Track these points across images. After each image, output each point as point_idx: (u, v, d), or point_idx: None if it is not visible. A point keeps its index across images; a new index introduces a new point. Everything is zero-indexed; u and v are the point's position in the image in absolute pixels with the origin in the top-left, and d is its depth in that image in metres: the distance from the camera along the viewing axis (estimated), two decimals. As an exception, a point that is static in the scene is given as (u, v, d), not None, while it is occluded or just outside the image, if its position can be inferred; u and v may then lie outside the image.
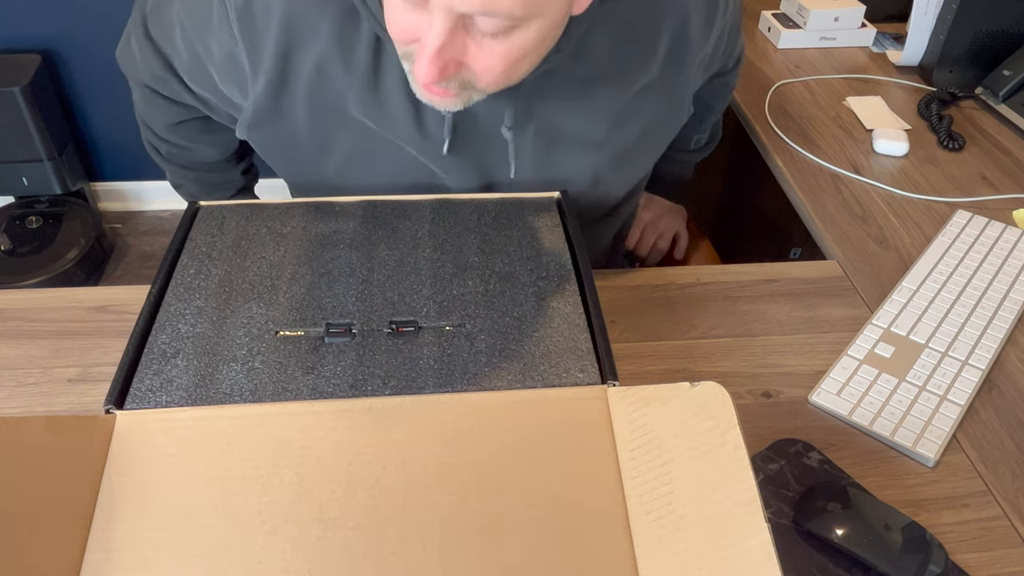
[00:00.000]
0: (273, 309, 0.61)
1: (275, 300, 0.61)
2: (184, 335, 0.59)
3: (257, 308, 0.61)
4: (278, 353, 0.58)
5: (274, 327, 0.60)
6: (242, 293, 0.62)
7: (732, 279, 0.80)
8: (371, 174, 0.73)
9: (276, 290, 0.62)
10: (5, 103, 1.81)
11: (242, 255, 0.63)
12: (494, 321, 0.61)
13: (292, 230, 0.68)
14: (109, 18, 1.89)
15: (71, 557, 0.46)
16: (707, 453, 0.47)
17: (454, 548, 0.47)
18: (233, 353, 0.57)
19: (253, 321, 0.60)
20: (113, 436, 0.52)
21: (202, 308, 0.61)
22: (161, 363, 0.56)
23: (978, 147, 1.05)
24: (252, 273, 0.63)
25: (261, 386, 0.55)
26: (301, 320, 0.60)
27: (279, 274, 0.63)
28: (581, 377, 0.57)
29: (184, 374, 0.56)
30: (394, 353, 0.58)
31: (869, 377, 0.69)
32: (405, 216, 0.72)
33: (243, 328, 0.59)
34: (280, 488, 0.49)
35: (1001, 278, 0.81)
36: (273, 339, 0.59)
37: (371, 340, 0.59)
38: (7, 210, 2.01)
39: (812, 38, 1.28)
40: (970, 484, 0.62)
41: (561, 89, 0.68)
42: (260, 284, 0.63)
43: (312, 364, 0.57)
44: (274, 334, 0.59)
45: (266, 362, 0.57)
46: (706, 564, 0.44)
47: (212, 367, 0.56)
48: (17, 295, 0.73)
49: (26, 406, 0.63)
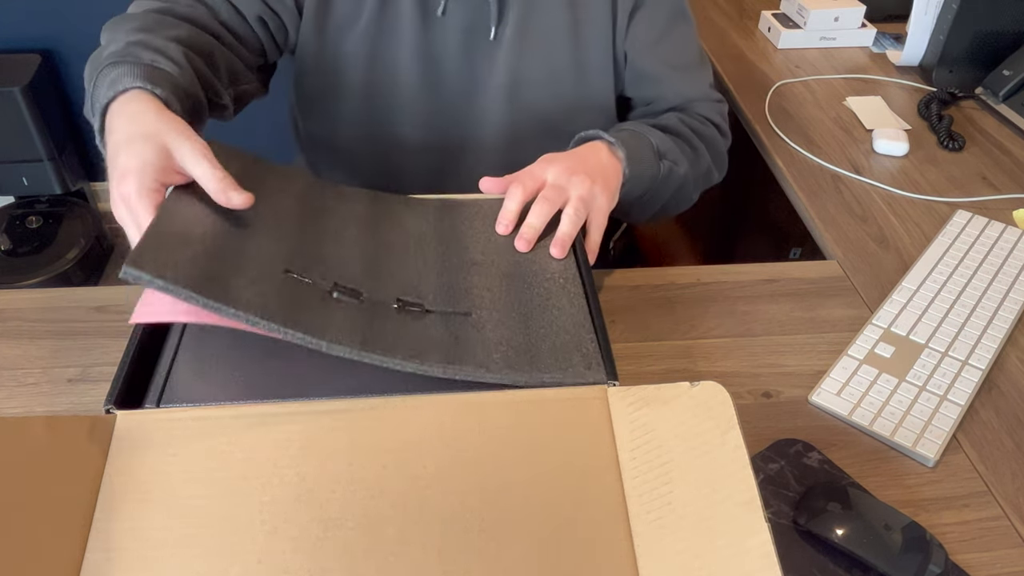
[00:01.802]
0: (281, 245, 0.59)
1: (283, 239, 0.59)
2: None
3: (265, 242, 0.58)
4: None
5: (282, 264, 0.57)
6: (249, 222, 0.59)
7: (732, 279, 0.80)
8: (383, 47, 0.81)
9: (283, 236, 0.60)
10: (5, 103, 1.80)
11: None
12: (501, 314, 0.61)
13: (299, 191, 0.65)
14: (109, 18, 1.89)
15: (71, 557, 0.46)
16: (707, 453, 0.47)
17: (454, 548, 0.47)
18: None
19: (261, 250, 0.57)
20: (113, 436, 0.51)
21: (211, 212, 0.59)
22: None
23: (978, 147, 1.05)
24: (260, 209, 0.60)
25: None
26: (306, 270, 0.58)
27: (285, 223, 0.61)
28: (583, 377, 0.57)
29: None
30: (402, 325, 0.57)
31: (869, 377, 0.69)
32: (410, 212, 0.72)
33: (253, 256, 0.57)
34: (280, 488, 0.49)
35: (1001, 278, 0.81)
36: (281, 276, 0.56)
37: (380, 310, 0.58)
38: (7, 210, 2.01)
39: (812, 38, 1.28)
40: (970, 484, 0.62)
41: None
42: (266, 223, 0.60)
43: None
44: (282, 271, 0.57)
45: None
46: (706, 564, 0.44)
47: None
48: (17, 295, 0.73)
49: (26, 406, 0.63)
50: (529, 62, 0.82)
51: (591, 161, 0.71)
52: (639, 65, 0.85)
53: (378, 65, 0.82)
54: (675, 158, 0.78)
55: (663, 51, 0.85)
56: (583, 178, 0.67)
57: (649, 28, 0.84)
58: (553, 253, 0.64)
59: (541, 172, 0.68)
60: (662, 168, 0.76)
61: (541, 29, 0.81)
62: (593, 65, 0.84)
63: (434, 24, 0.80)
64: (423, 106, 0.85)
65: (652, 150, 0.76)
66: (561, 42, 0.82)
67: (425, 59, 0.81)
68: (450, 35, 0.80)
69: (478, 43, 0.81)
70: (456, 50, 0.81)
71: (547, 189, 0.67)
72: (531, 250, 0.65)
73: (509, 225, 0.66)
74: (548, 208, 0.65)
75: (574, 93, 0.85)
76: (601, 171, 0.70)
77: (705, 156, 0.84)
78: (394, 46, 0.81)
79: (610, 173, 0.71)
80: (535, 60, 0.82)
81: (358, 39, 0.80)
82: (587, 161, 0.70)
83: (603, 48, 0.83)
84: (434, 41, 0.81)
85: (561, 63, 0.83)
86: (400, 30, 0.80)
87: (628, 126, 0.79)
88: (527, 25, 0.81)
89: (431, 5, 0.79)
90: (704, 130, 0.85)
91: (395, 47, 0.81)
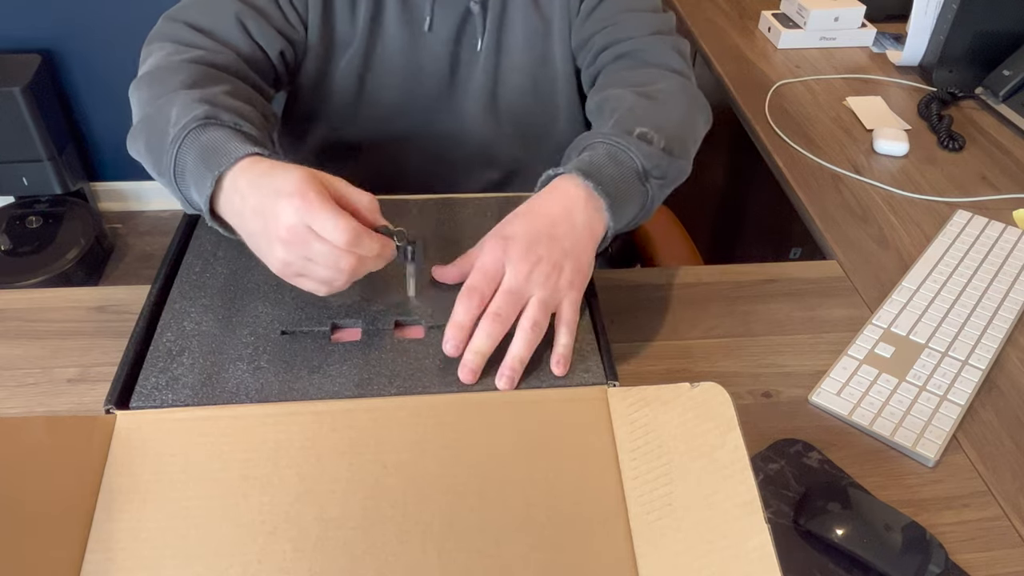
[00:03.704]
0: (279, 308, 0.61)
1: (281, 299, 0.61)
2: (190, 333, 0.59)
3: (263, 307, 0.61)
4: (284, 352, 0.58)
5: (280, 326, 0.60)
6: (248, 292, 0.62)
7: (732, 279, 0.80)
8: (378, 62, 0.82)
9: (282, 289, 0.62)
10: (5, 103, 1.81)
11: (248, 253, 0.63)
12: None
13: None
14: (109, 18, 1.89)
15: (71, 557, 0.46)
16: (707, 453, 0.47)
17: (454, 548, 0.47)
18: (239, 352, 0.57)
19: (259, 320, 0.60)
20: (113, 436, 0.51)
21: (208, 306, 0.61)
22: (167, 361, 0.56)
23: (978, 147, 1.05)
24: (258, 272, 0.63)
25: (267, 385, 0.55)
26: (307, 319, 0.60)
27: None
28: (583, 377, 0.57)
29: (190, 372, 0.56)
30: (399, 353, 0.58)
31: (869, 377, 0.69)
32: (407, 216, 0.72)
33: (249, 327, 0.59)
34: (280, 488, 0.49)
35: (1001, 278, 0.81)
36: (279, 338, 0.59)
37: (377, 340, 0.59)
38: (7, 210, 2.01)
39: (812, 38, 1.28)
40: (970, 484, 0.62)
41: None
42: (266, 283, 0.63)
43: (318, 363, 0.57)
44: (279, 333, 0.59)
45: (272, 361, 0.57)
46: (706, 564, 0.44)
47: (218, 366, 0.56)
48: (17, 295, 0.73)
49: (26, 406, 0.63)
50: (507, 66, 0.84)
51: (560, 229, 0.59)
52: (596, 15, 0.81)
53: (369, 82, 0.83)
54: (662, 171, 0.66)
55: (614, 2, 0.81)
56: (546, 272, 0.58)
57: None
58: (499, 385, 0.56)
59: (496, 266, 0.58)
60: (649, 190, 0.65)
61: (515, 33, 0.82)
62: (558, 56, 0.84)
63: (421, 39, 0.81)
64: (410, 117, 0.86)
65: (636, 173, 0.64)
66: (533, 42, 0.83)
67: (414, 72, 0.83)
68: (438, 48, 0.82)
69: (464, 54, 0.83)
70: (443, 62, 0.83)
71: (499, 299, 0.57)
72: None
73: (459, 346, 0.56)
74: (499, 328, 0.56)
75: (548, 89, 0.86)
76: (572, 246, 0.60)
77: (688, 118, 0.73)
78: (385, 62, 0.82)
79: (583, 244, 0.60)
80: (512, 63, 0.83)
81: (352, 58, 0.81)
82: (555, 231, 0.59)
83: (566, 39, 0.84)
84: (422, 55, 0.82)
85: (533, 62, 0.84)
86: (390, 47, 0.81)
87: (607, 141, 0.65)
88: (503, 33, 0.82)
89: (417, 21, 0.80)
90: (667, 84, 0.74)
91: (386, 62, 0.82)
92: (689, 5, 1.43)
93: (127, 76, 0.71)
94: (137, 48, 0.75)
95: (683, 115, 0.72)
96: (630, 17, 0.80)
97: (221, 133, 0.58)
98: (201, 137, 0.58)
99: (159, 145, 0.60)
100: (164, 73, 0.66)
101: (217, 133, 0.58)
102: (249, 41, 0.74)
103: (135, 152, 0.65)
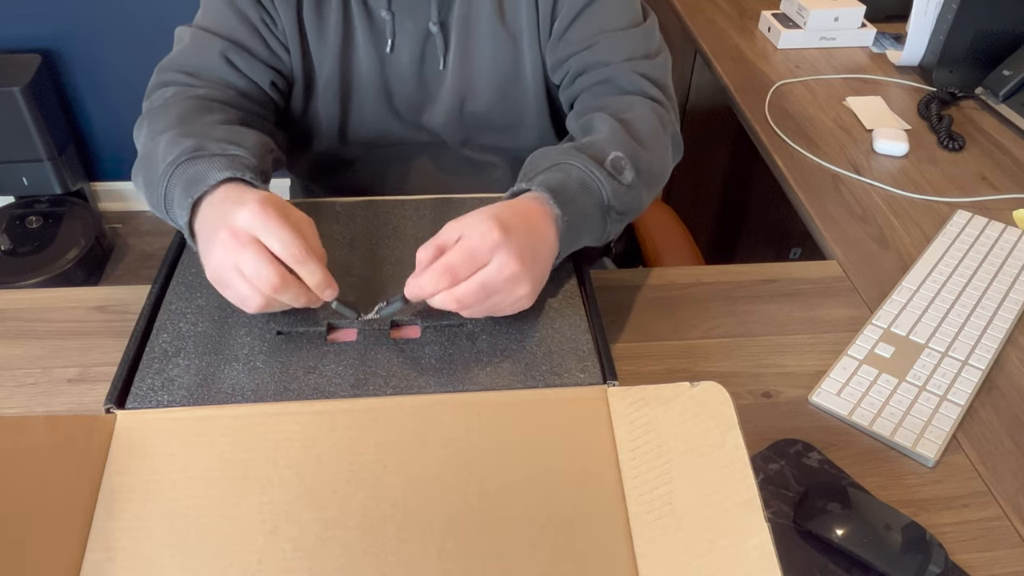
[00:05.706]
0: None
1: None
2: (185, 334, 0.59)
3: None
4: (280, 353, 0.58)
5: (275, 326, 0.60)
6: None
7: (732, 279, 0.80)
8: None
9: None
10: (5, 103, 1.81)
11: None
12: (495, 320, 0.61)
13: None
14: (109, 18, 1.89)
15: (71, 557, 0.46)
16: (707, 453, 0.47)
17: (454, 548, 0.48)
18: (235, 353, 0.57)
19: (255, 320, 0.60)
20: (113, 436, 0.52)
21: (203, 307, 0.61)
22: (163, 362, 0.56)
23: (978, 147, 1.05)
24: None
25: (263, 385, 0.55)
26: (302, 319, 0.60)
27: None
28: (582, 377, 0.57)
29: (186, 373, 0.56)
30: (395, 353, 0.58)
31: (869, 377, 0.69)
32: (405, 216, 0.72)
33: (244, 328, 0.59)
34: (280, 488, 0.49)
35: (1001, 278, 0.81)
36: (274, 339, 0.59)
37: (373, 340, 0.59)
38: (7, 210, 2.01)
39: (812, 38, 1.28)
40: (970, 484, 0.62)
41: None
42: None
43: (314, 364, 0.57)
44: (275, 334, 0.59)
45: (268, 362, 0.57)
46: (706, 564, 0.44)
47: (214, 366, 0.56)
48: (17, 295, 0.73)
49: (26, 406, 0.63)
50: (476, 82, 0.84)
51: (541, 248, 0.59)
52: (570, 36, 0.80)
53: (349, 102, 0.84)
54: (626, 206, 0.66)
55: (593, 17, 0.79)
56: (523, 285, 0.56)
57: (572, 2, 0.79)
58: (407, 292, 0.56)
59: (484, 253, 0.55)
60: (608, 224, 0.66)
61: (483, 49, 0.82)
62: (529, 70, 0.84)
63: (387, 59, 0.82)
64: (392, 134, 0.87)
65: (600, 207, 0.64)
66: (501, 58, 0.83)
67: (386, 91, 0.84)
68: (403, 68, 0.83)
69: (427, 74, 0.83)
70: (410, 81, 0.84)
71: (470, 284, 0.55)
72: None
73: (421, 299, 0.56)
74: (448, 286, 0.55)
75: (514, 95, 0.86)
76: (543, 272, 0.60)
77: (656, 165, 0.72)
78: (360, 83, 0.83)
79: (547, 269, 0.61)
80: (482, 79, 0.83)
81: (329, 81, 0.82)
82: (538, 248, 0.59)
83: (536, 53, 0.83)
84: (389, 75, 0.83)
85: (504, 78, 0.84)
86: (362, 69, 0.82)
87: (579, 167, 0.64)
88: (469, 50, 0.82)
89: (382, 43, 0.81)
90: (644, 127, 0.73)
91: (362, 84, 0.83)
92: (689, 5, 1.43)
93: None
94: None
95: (654, 145, 0.72)
96: (605, 40, 0.78)
97: (205, 164, 0.61)
98: (188, 170, 0.61)
99: (153, 180, 0.64)
100: (159, 112, 0.71)
101: (201, 164, 0.61)
102: (239, 75, 0.77)
103: (137, 187, 0.69)
